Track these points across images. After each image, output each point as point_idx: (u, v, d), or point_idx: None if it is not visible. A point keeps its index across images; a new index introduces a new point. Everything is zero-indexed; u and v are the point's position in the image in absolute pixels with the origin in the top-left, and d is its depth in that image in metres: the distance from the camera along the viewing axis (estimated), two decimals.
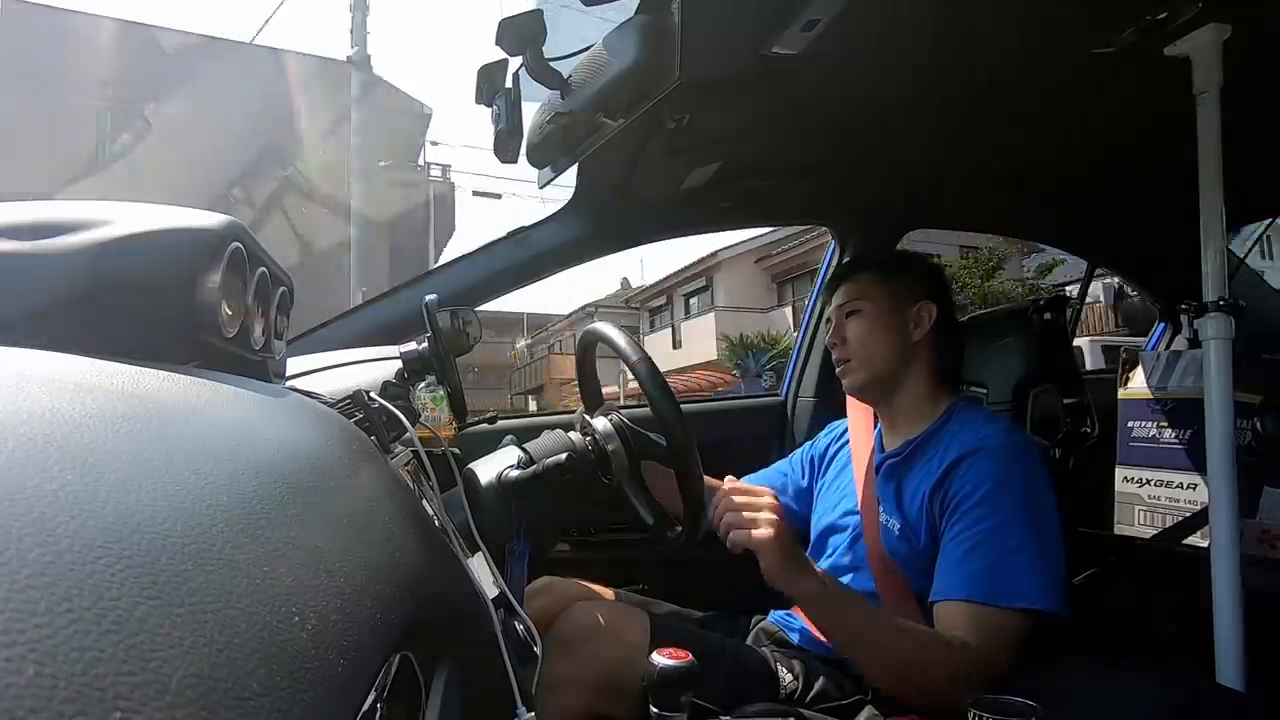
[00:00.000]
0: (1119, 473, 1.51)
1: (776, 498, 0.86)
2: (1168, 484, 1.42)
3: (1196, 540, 1.31)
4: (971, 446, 0.96)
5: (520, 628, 0.68)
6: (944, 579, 0.91)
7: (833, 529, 1.14)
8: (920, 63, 0.99)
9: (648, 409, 0.88)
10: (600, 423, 0.91)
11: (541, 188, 1.15)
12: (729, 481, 0.89)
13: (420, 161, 14.19)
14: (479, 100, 0.98)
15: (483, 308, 1.38)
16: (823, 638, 0.91)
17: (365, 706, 0.31)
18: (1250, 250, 1.69)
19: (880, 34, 0.90)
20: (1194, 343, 1.53)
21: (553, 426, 0.94)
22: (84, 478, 0.22)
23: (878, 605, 1.01)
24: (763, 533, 0.82)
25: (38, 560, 0.18)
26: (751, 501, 0.84)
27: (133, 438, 0.26)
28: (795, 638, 1.08)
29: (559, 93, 0.95)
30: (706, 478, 0.90)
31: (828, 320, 1.14)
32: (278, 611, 0.25)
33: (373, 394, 0.68)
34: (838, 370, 1.12)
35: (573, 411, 1.49)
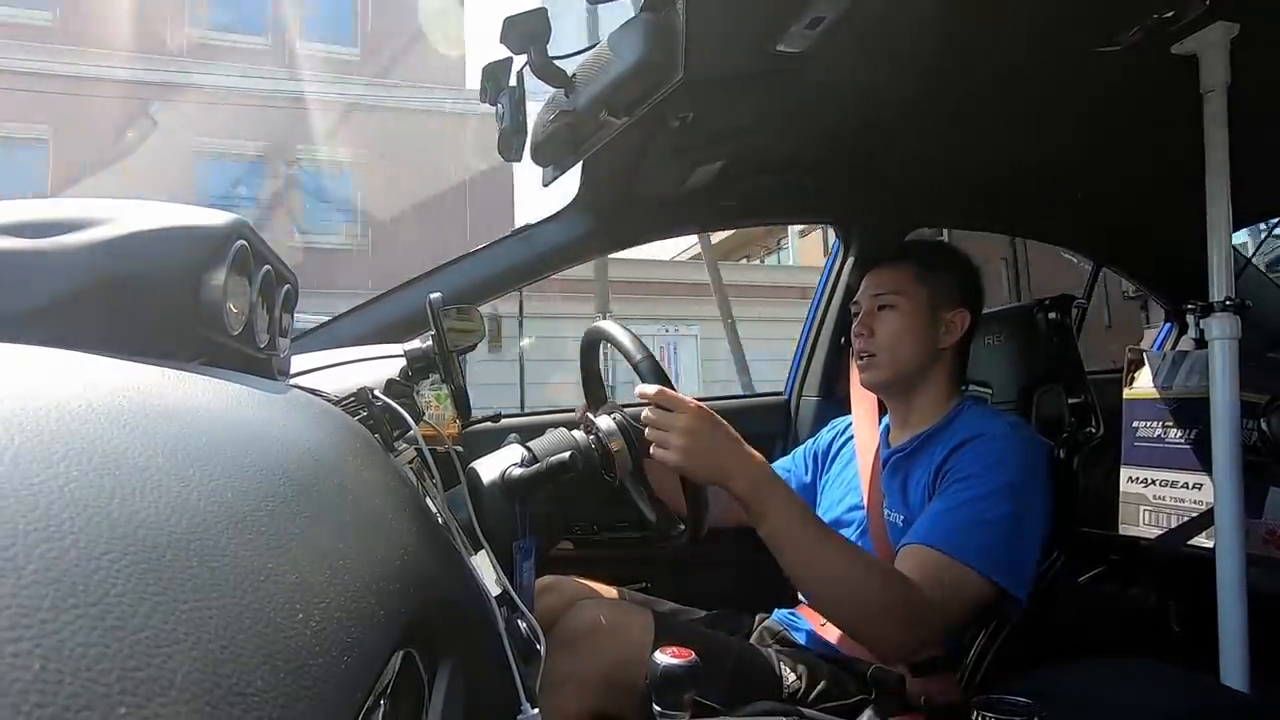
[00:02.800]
0: (1124, 473, 1.50)
1: (699, 409, 0.84)
2: (1173, 484, 1.42)
3: (1202, 540, 1.30)
4: (975, 433, 0.96)
5: (524, 626, 0.68)
6: (916, 528, 0.92)
7: (838, 524, 1.13)
8: (925, 61, 0.99)
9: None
10: (604, 421, 0.91)
11: (546, 185, 1.15)
12: (650, 390, 0.85)
13: None
14: (483, 99, 0.98)
15: None
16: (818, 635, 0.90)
17: (368, 703, 0.31)
18: (1257, 250, 1.68)
19: (885, 32, 0.90)
20: (1200, 342, 1.52)
21: (556, 425, 0.94)
22: (89, 474, 0.22)
23: None
24: (667, 455, 0.82)
25: (43, 556, 0.18)
26: (663, 419, 0.83)
27: (137, 435, 0.26)
28: (799, 637, 1.08)
29: (563, 91, 0.95)
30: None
31: (855, 303, 1.12)
32: (281, 608, 0.25)
33: (377, 392, 0.68)
34: (859, 362, 1.09)
35: (575, 410, 1.49)
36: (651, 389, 0.85)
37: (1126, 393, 1.53)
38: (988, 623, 0.98)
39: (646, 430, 0.85)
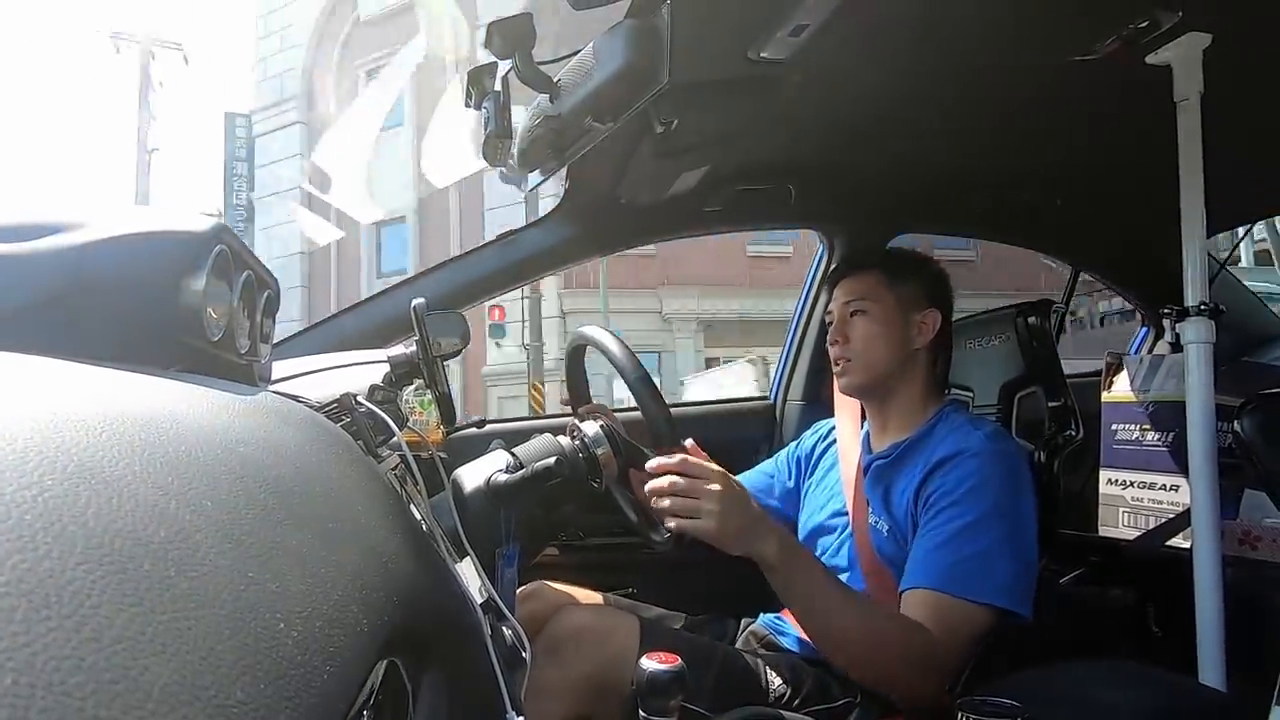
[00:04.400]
0: (1102, 475, 1.52)
1: (726, 474, 0.84)
2: (1150, 486, 1.44)
3: (1179, 541, 1.32)
4: (955, 449, 0.97)
5: (509, 633, 0.67)
6: (913, 569, 0.93)
7: (822, 530, 1.14)
8: (906, 69, 1.00)
9: (638, 413, 0.88)
10: (589, 427, 0.91)
11: (531, 190, 1.15)
12: (671, 462, 0.83)
13: None
14: (468, 104, 0.98)
15: None
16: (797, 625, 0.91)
17: (351, 713, 0.31)
18: (1229, 255, 1.71)
19: (867, 40, 0.91)
20: (1176, 346, 1.55)
21: (541, 430, 0.94)
22: (64, 483, 0.22)
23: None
24: (701, 525, 0.81)
25: (16, 568, 0.18)
26: (693, 487, 0.81)
27: (114, 443, 0.26)
28: (784, 641, 1.08)
29: (548, 96, 0.95)
30: None
31: (828, 313, 1.14)
32: (262, 618, 0.25)
33: (360, 398, 0.68)
34: (835, 369, 1.11)
35: (561, 416, 1.49)
36: (674, 460, 0.82)
37: (1105, 396, 1.55)
38: None
39: (669, 501, 0.81)
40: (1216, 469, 1.01)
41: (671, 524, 0.82)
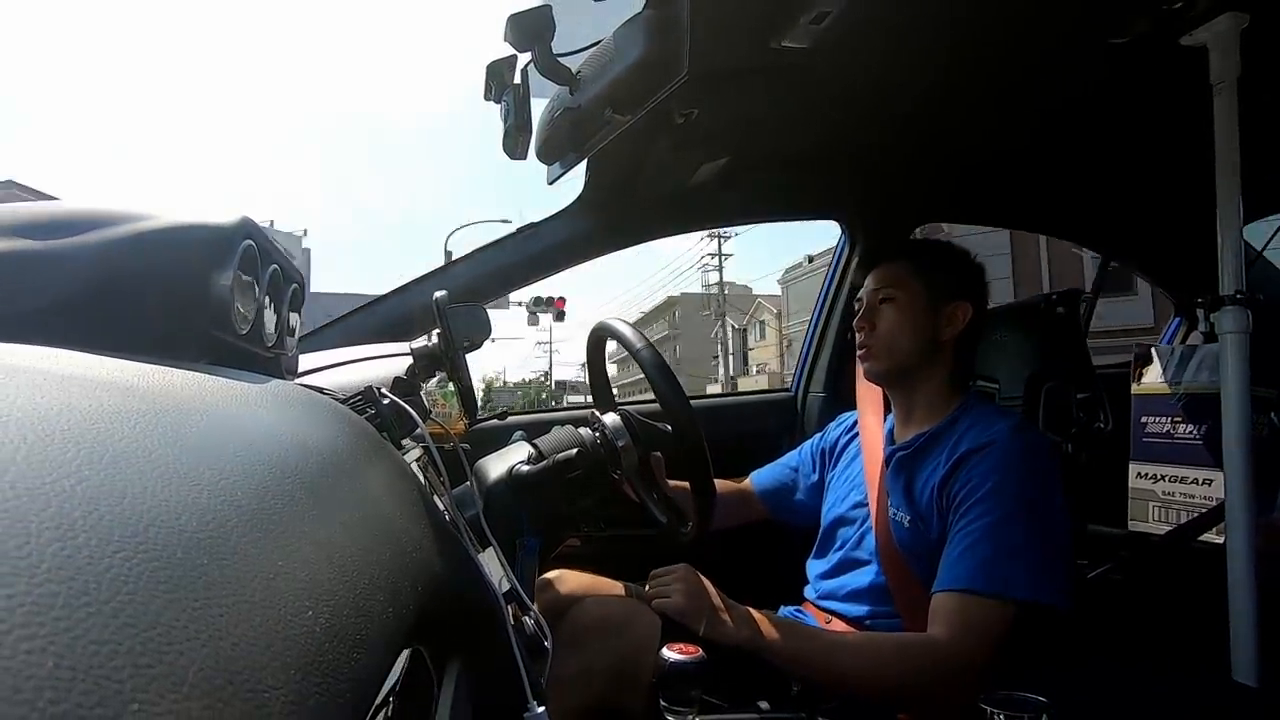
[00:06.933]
0: (1132, 469, 1.49)
1: (686, 566, 1.02)
2: (1182, 480, 1.41)
3: (1211, 537, 1.29)
4: (980, 442, 0.95)
5: (531, 622, 0.68)
6: (943, 573, 0.92)
7: (842, 521, 1.13)
8: (931, 54, 0.98)
9: (657, 405, 0.88)
10: (610, 418, 0.91)
11: (551, 183, 1.15)
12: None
13: None
14: (488, 97, 0.98)
15: None
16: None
17: (378, 700, 0.31)
18: (1268, 243, 1.67)
19: (890, 25, 0.90)
20: (1209, 337, 1.51)
21: (563, 422, 0.94)
22: (100, 473, 0.23)
23: (887, 599, 1.01)
24: (671, 601, 0.96)
25: (56, 554, 0.19)
26: (664, 577, 1.01)
27: (147, 433, 0.27)
28: None
29: (568, 88, 0.95)
30: (720, 481, 0.90)
31: (859, 300, 1.13)
32: (291, 605, 0.25)
33: (384, 390, 0.68)
34: (859, 353, 1.10)
35: (583, 408, 1.49)
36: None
37: (1135, 388, 1.52)
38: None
39: (651, 587, 1.01)
40: (1251, 462, 0.98)
41: (657, 603, 0.98)
